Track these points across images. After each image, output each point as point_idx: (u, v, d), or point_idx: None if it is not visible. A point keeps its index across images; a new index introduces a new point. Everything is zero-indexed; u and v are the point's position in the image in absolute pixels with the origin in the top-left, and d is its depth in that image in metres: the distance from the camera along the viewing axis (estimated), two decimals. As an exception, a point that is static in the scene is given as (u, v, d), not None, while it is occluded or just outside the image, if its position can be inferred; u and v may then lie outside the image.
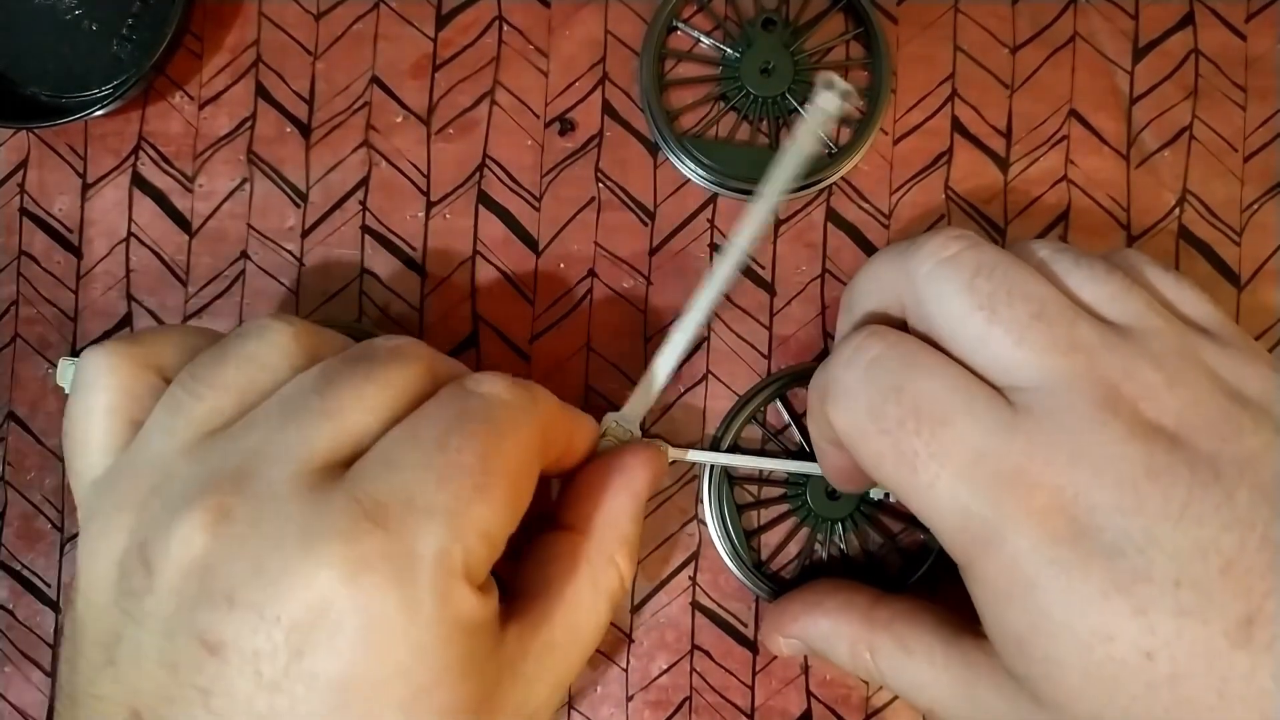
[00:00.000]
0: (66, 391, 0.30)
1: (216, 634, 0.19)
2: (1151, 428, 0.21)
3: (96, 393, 0.23)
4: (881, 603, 0.27)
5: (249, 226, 0.31)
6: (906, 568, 0.30)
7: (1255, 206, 0.31)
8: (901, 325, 0.25)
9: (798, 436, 0.31)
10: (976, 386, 0.22)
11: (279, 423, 0.21)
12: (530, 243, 0.31)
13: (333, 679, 0.19)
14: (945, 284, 0.23)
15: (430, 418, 0.22)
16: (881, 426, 0.22)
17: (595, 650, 0.25)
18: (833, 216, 0.31)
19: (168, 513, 0.20)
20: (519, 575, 0.25)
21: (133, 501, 0.21)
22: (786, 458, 0.30)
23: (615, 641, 0.30)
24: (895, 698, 0.30)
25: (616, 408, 0.28)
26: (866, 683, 0.30)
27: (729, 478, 0.30)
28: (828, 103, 0.27)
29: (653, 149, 0.31)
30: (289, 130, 0.32)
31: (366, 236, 0.31)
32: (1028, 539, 0.21)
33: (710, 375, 0.31)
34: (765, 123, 0.31)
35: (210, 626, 0.19)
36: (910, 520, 0.30)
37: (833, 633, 0.27)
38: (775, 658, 0.30)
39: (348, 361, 0.23)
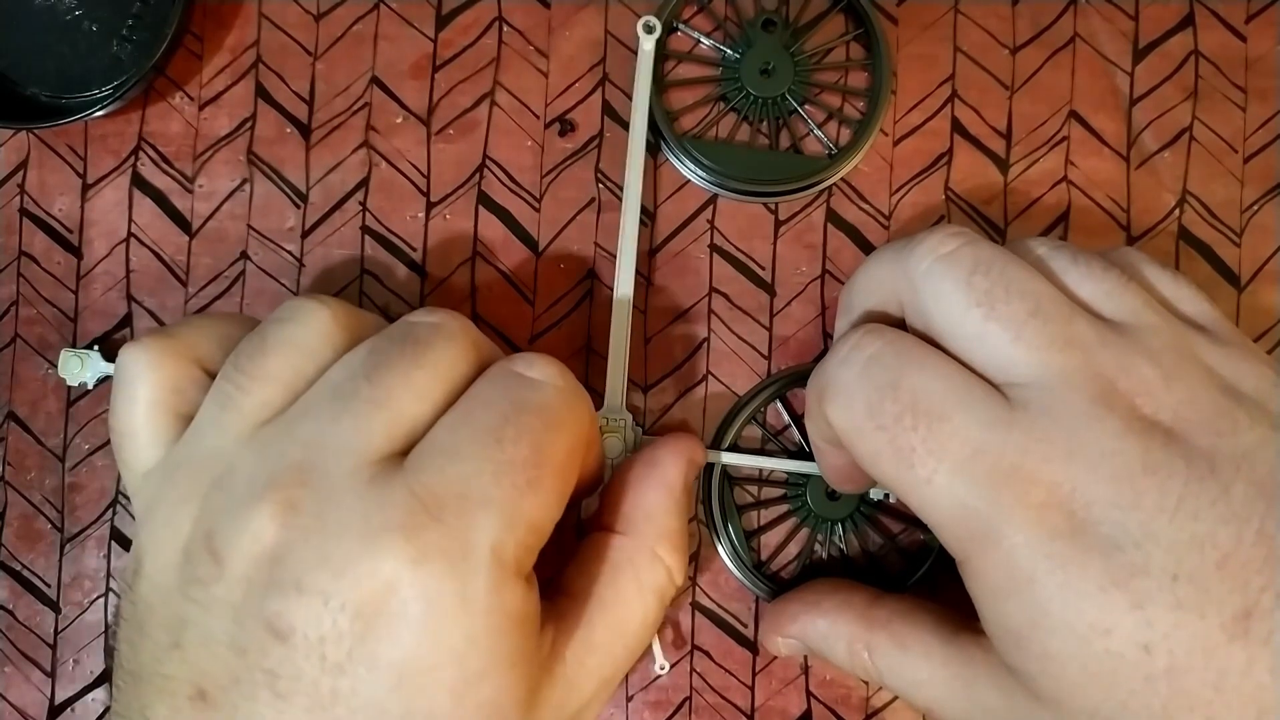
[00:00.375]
0: (70, 384, 0.30)
1: (285, 620, 0.20)
2: (1148, 423, 0.21)
3: (138, 388, 0.24)
4: (879, 602, 0.27)
5: (249, 227, 0.31)
6: (907, 568, 0.30)
7: (1255, 208, 0.31)
8: (900, 324, 0.25)
9: (798, 436, 0.31)
10: (974, 383, 0.22)
11: (333, 413, 0.22)
12: (530, 243, 0.31)
13: (392, 662, 0.20)
14: (943, 281, 0.23)
15: (485, 404, 0.22)
16: (879, 423, 0.22)
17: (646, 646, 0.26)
18: (833, 217, 0.31)
19: (235, 505, 0.21)
20: (561, 578, 0.25)
21: (195, 494, 0.22)
22: (786, 458, 0.30)
23: (615, 642, 0.30)
24: (895, 698, 0.30)
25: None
26: (866, 683, 0.30)
27: (729, 478, 0.30)
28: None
29: (653, 149, 0.31)
30: (289, 131, 0.32)
31: (366, 237, 0.31)
32: (1025, 534, 0.21)
33: (710, 375, 0.31)
34: (765, 123, 0.31)
35: (279, 613, 0.20)
36: (910, 520, 0.30)
37: (830, 632, 0.27)
38: (775, 658, 0.30)
39: (394, 343, 0.23)
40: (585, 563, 0.25)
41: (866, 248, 0.31)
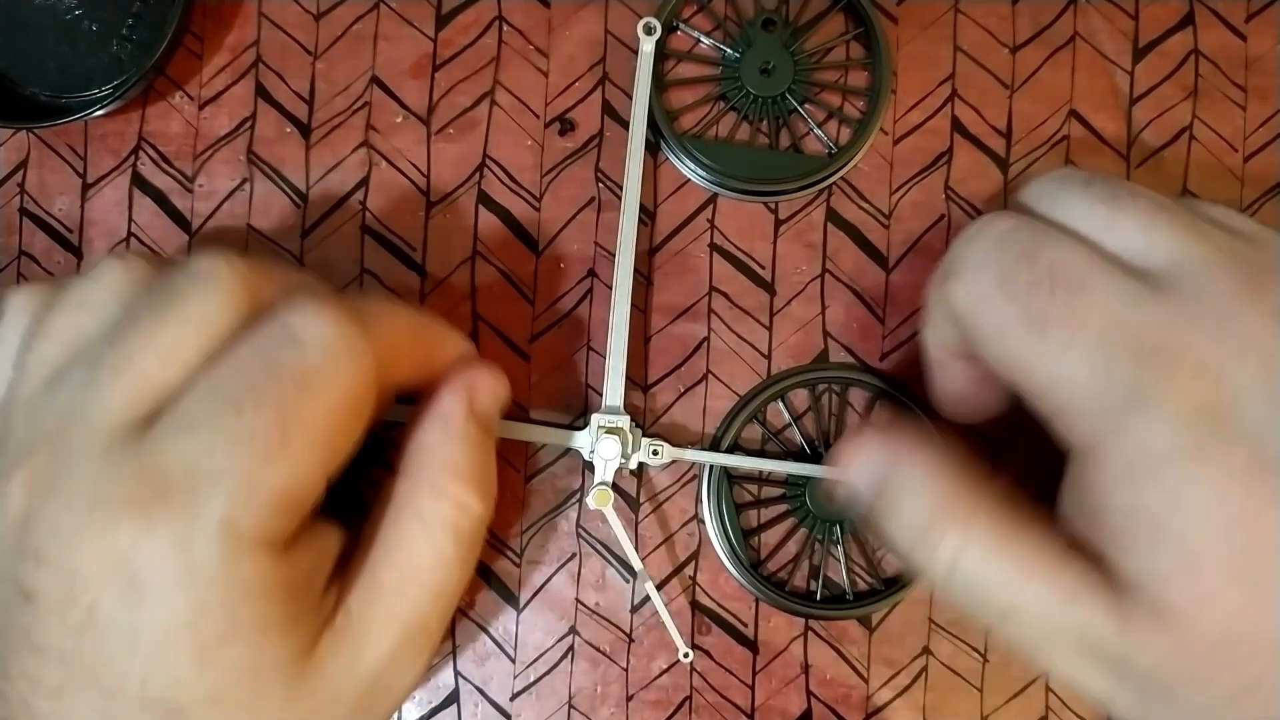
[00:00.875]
0: None
1: (29, 584, 0.21)
2: None
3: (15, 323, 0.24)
4: (993, 480, 0.23)
5: (249, 226, 0.31)
6: (903, 570, 0.30)
7: (1255, 207, 0.31)
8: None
9: (798, 437, 0.31)
10: (1115, 263, 0.22)
11: (81, 379, 0.21)
12: (530, 243, 0.31)
13: (127, 628, 0.20)
14: (1062, 192, 0.23)
15: (234, 370, 0.21)
16: (1010, 292, 0.21)
17: (462, 592, 0.25)
18: (832, 216, 0.31)
19: (2, 470, 0.22)
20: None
21: None
22: (786, 458, 0.30)
23: (615, 641, 0.30)
24: (896, 697, 0.30)
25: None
26: (866, 682, 0.30)
27: (729, 477, 0.30)
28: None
29: (653, 149, 0.31)
30: (289, 130, 0.32)
31: (366, 237, 0.31)
32: (1169, 411, 0.20)
33: (710, 375, 0.31)
34: (765, 123, 0.31)
35: (24, 577, 0.21)
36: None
37: (921, 489, 0.23)
38: (775, 658, 0.30)
39: (152, 292, 0.22)
40: (373, 511, 0.24)
41: (866, 247, 0.31)
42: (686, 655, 0.29)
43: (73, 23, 0.31)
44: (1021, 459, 0.26)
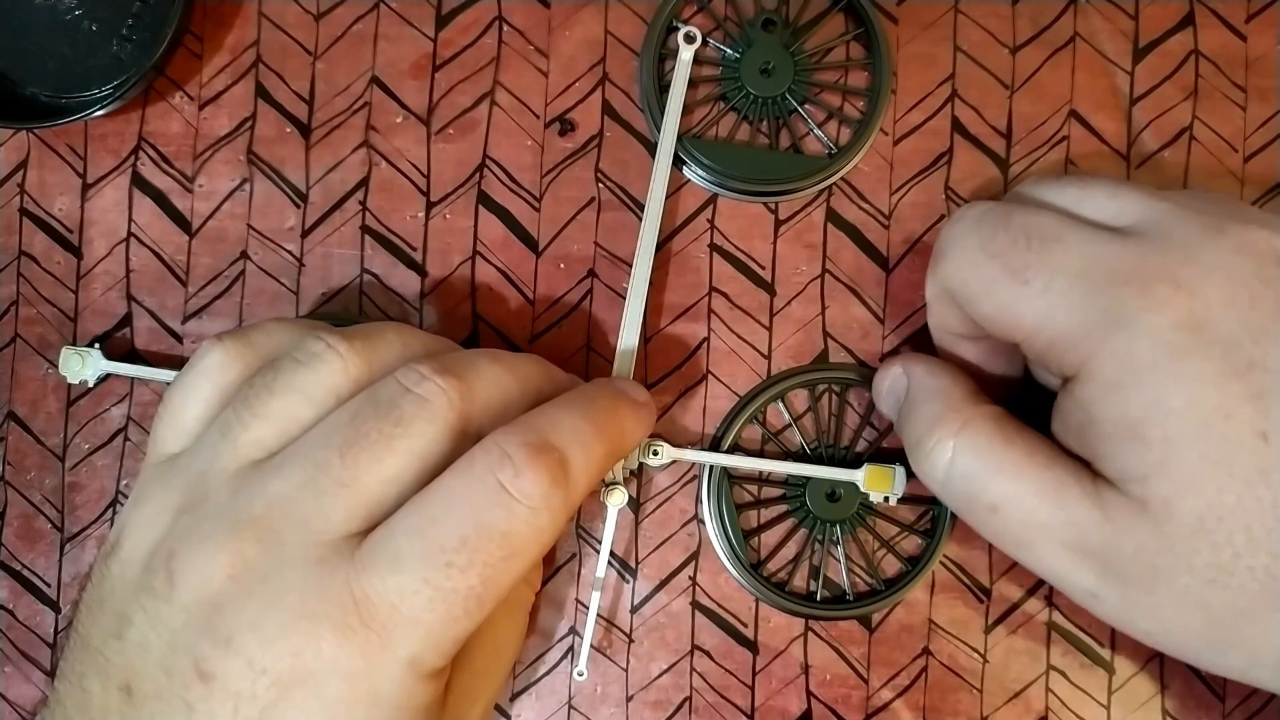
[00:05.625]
0: (70, 381, 0.30)
1: (210, 665, 0.21)
2: (1255, 247, 0.22)
3: (202, 381, 0.25)
4: (989, 402, 0.26)
5: (249, 226, 0.31)
6: (904, 571, 0.30)
7: (1255, 207, 0.31)
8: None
9: (798, 437, 0.31)
10: (1083, 220, 0.24)
11: (302, 479, 0.22)
12: (530, 243, 0.31)
13: None
14: (1037, 186, 0.26)
15: (449, 512, 0.22)
16: (992, 251, 0.24)
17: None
18: (833, 217, 0.31)
19: (199, 537, 0.22)
20: None
21: (173, 506, 0.23)
22: (786, 458, 0.30)
23: (615, 641, 0.30)
24: (896, 697, 0.30)
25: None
26: (866, 682, 0.30)
27: (729, 477, 0.30)
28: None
29: (653, 149, 0.31)
30: (289, 130, 0.32)
31: (366, 236, 0.31)
32: (1148, 321, 0.22)
33: (710, 375, 0.31)
34: (765, 123, 0.31)
35: (206, 656, 0.21)
36: (908, 526, 0.30)
37: (940, 392, 0.26)
38: (775, 658, 0.30)
39: (377, 415, 0.23)
40: None
41: (866, 247, 0.31)
42: (580, 674, 0.30)
43: (73, 23, 0.31)
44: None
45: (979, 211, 0.25)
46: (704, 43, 0.31)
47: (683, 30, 0.30)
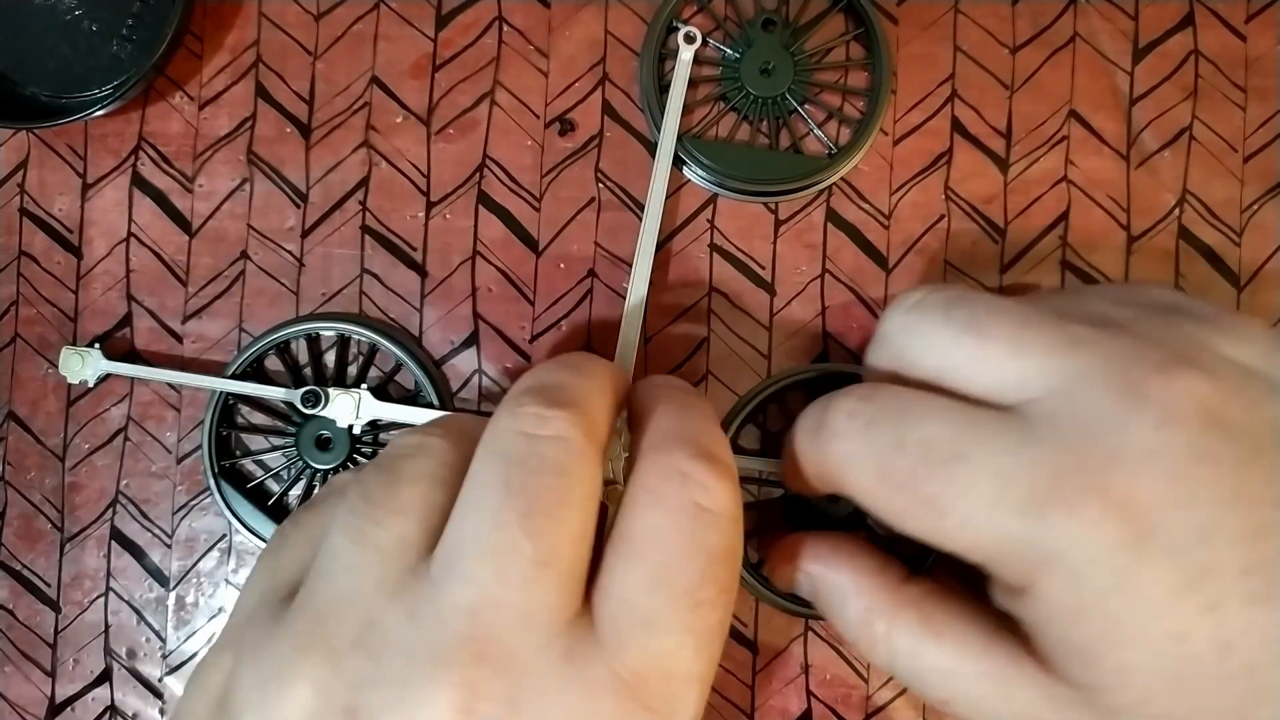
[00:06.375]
0: (70, 381, 0.30)
1: None
2: (1181, 408, 0.20)
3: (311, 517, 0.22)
4: (914, 579, 0.25)
5: (249, 226, 0.31)
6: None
7: (1255, 207, 0.31)
8: None
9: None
10: (981, 413, 0.21)
11: (494, 574, 0.19)
12: (530, 243, 0.31)
13: None
14: (922, 324, 0.23)
15: (673, 551, 0.20)
16: (896, 483, 0.21)
17: None
18: (833, 217, 0.31)
19: (396, 683, 0.18)
20: None
21: (323, 647, 0.19)
22: None
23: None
24: (896, 697, 0.30)
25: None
26: (866, 681, 0.30)
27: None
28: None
29: (653, 149, 0.31)
30: (289, 130, 0.32)
31: (366, 236, 0.31)
32: (1087, 551, 0.19)
33: (710, 375, 0.31)
34: (765, 123, 0.31)
35: None
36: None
37: (852, 590, 0.24)
38: (775, 658, 0.30)
39: (527, 466, 0.20)
40: None
41: (866, 247, 0.31)
42: None
43: (73, 23, 0.31)
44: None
45: (864, 423, 0.22)
46: (704, 43, 0.31)
47: (683, 30, 0.30)
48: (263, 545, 0.30)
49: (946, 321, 0.22)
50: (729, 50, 0.31)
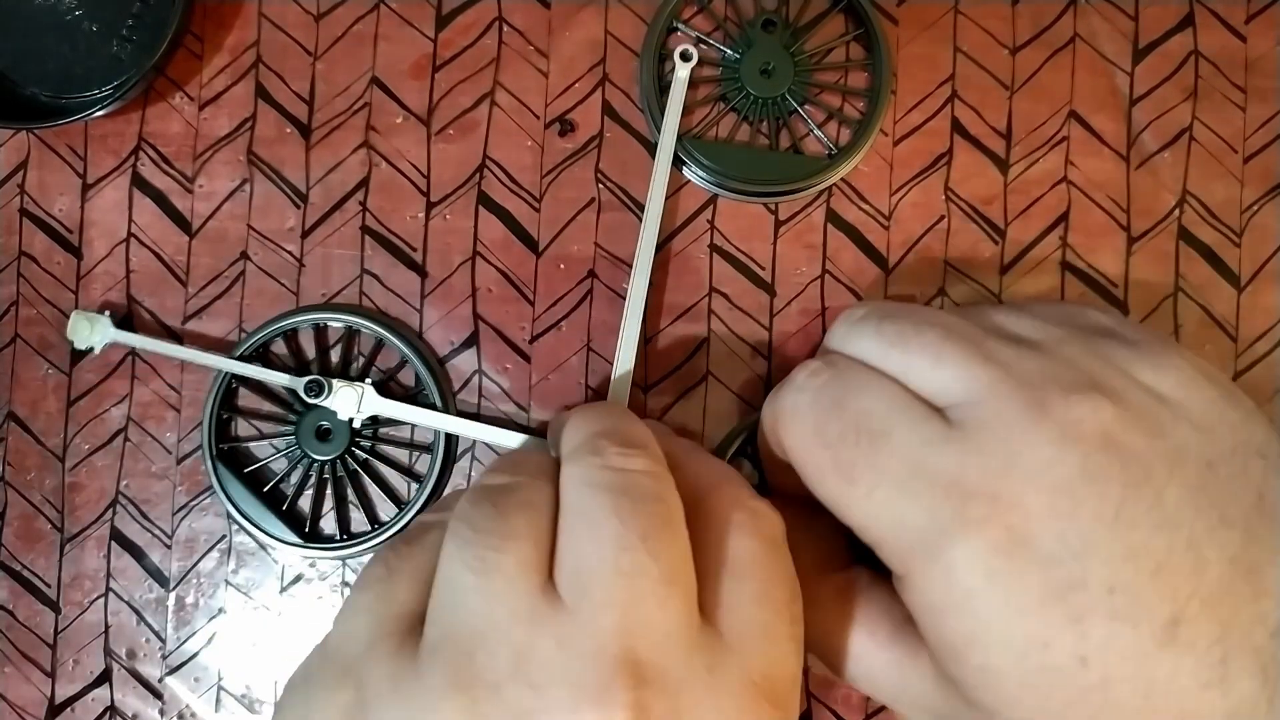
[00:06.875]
0: (78, 347, 0.30)
1: None
2: (1080, 429, 0.21)
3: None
4: (847, 569, 0.26)
5: (249, 227, 0.31)
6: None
7: (1255, 208, 0.31)
8: None
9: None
10: (915, 404, 0.23)
11: (629, 594, 0.20)
12: (530, 243, 0.31)
13: None
14: (859, 341, 0.25)
15: (767, 572, 0.22)
16: (824, 440, 0.23)
17: None
18: (833, 217, 0.31)
19: (567, 711, 0.19)
20: None
21: (480, 684, 0.19)
22: None
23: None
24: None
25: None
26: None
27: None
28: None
29: (653, 149, 0.31)
30: (289, 130, 0.32)
31: (366, 236, 0.31)
32: (964, 550, 0.21)
33: (710, 375, 0.31)
34: (765, 123, 0.31)
35: None
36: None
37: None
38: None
39: (629, 495, 0.21)
40: None
41: (866, 248, 0.31)
42: None
43: (73, 23, 0.31)
44: None
45: (819, 384, 0.24)
46: (703, 43, 0.31)
47: (679, 49, 0.30)
48: (260, 538, 0.30)
49: (878, 335, 0.24)
50: (729, 51, 0.31)
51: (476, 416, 0.31)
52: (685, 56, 0.30)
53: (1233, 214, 0.31)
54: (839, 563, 0.27)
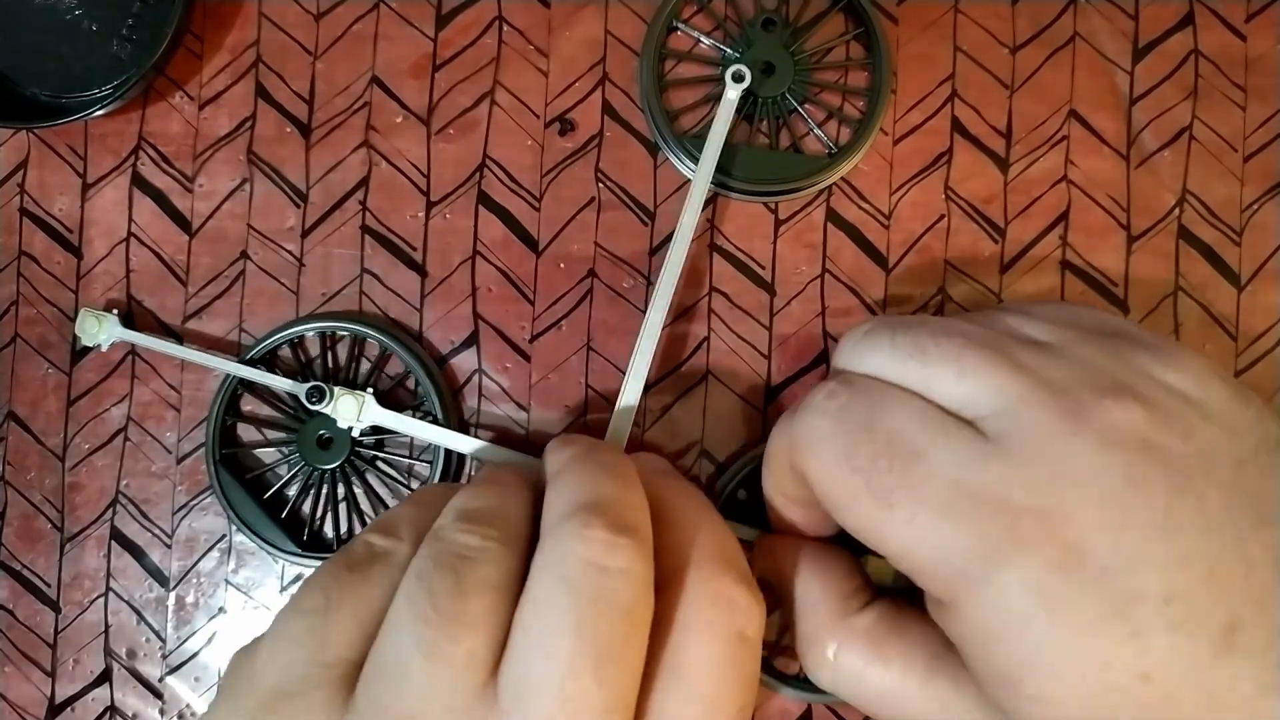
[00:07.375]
0: (86, 344, 0.30)
1: None
2: (1119, 433, 0.20)
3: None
4: (873, 606, 0.25)
5: (249, 226, 0.31)
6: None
7: (1255, 207, 0.31)
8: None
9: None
10: (948, 419, 0.22)
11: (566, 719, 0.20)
12: (530, 243, 0.31)
13: None
14: (871, 355, 0.23)
15: (725, 686, 0.21)
16: (854, 465, 0.22)
17: None
18: (833, 217, 0.31)
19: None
20: None
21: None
22: None
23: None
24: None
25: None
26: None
27: (734, 502, 0.30)
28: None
29: (653, 149, 0.31)
30: (289, 130, 0.32)
31: (366, 236, 0.31)
32: (1018, 571, 0.20)
33: (710, 375, 0.31)
34: (765, 123, 0.31)
35: None
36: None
37: (811, 605, 0.25)
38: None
39: (597, 608, 0.21)
40: None
41: (866, 247, 0.31)
42: None
43: (73, 23, 0.31)
44: None
45: (839, 405, 0.23)
46: (702, 43, 0.31)
47: (731, 69, 0.29)
48: (257, 542, 0.30)
49: (893, 348, 0.23)
50: (729, 50, 0.31)
51: (476, 427, 0.31)
52: (738, 78, 0.29)
53: (1233, 213, 0.31)
54: (861, 599, 0.25)
